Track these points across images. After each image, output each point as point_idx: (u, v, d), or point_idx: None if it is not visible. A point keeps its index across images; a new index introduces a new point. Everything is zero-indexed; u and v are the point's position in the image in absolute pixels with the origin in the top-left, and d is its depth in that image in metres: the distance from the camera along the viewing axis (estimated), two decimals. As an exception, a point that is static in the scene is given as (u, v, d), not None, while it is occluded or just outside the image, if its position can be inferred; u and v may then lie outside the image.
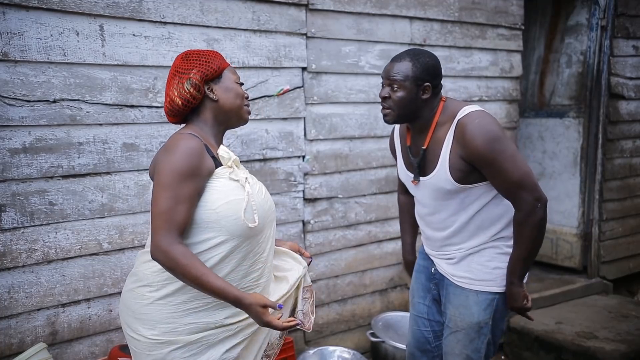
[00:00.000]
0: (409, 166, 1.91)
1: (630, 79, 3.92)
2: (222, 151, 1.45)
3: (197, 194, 1.39)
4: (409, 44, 2.96)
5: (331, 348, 2.77)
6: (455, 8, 3.09)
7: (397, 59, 1.76)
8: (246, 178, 1.45)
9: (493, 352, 1.94)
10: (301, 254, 1.74)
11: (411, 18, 2.95)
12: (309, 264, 1.72)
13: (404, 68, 1.72)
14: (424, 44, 3.00)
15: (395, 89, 1.73)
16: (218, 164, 1.45)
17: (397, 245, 3.10)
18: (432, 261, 2.00)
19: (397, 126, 2.02)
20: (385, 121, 1.79)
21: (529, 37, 4.15)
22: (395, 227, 3.07)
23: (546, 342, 3.15)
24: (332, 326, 2.94)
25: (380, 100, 1.79)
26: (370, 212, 2.97)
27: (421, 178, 1.84)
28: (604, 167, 3.89)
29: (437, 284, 1.99)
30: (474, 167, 1.72)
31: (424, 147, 1.80)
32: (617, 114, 3.89)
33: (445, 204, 1.82)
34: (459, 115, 1.72)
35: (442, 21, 3.07)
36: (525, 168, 1.69)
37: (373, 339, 2.78)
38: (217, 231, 1.40)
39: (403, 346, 2.66)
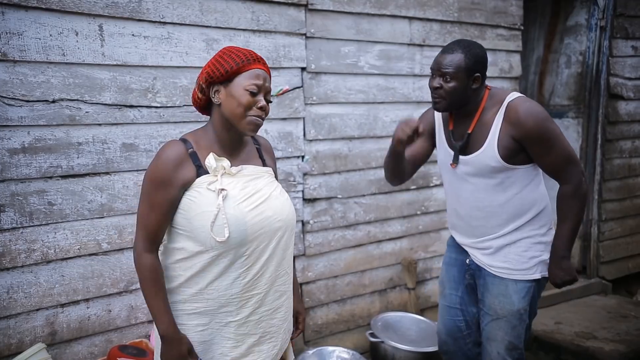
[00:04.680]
0: (449, 150, 2.00)
1: (629, 79, 3.92)
2: (210, 159, 1.39)
3: (170, 204, 1.38)
4: (408, 44, 2.96)
5: (330, 348, 2.77)
6: (454, 8, 3.09)
7: (448, 50, 1.84)
8: (221, 190, 1.35)
9: (529, 335, 2.05)
10: (296, 322, 1.72)
11: (410, 18, 2.95)
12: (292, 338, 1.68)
13: (457, 60, 1.80)
14: (423, 44, 3.00)
15: (447, 79, 1.81)
16: (204, 172, 1.40)
17: (397, 245, 3.10)
18: (466, 252, 2.08)
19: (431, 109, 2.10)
20: (436, 109, 1.90)
21: (528, 38, 4.15)
22: (394, 228, 3.07)
23: (545, 342, 3.16)
24: (332, 326, 2.93)
25: (426, 94, 1.90)
26: (369, 213, 2.97)
27: (462, 157, 1.92)
28: (603, 168, 3.89)
29: (473, 275, 2.07)
30: (521, 147, 1.82)
31: (469, 132, 1.90)
32: (616, 114, 3.89)
33: (485, 181, 1.90)
34: (508, 99, 1.84)
35: (442, 21, 3.06)
36: (570, 145, 1.83)
37: (372, 339, 2.77)
38: (194, 240, 1.38)
39: (402, 346, 2.66)
